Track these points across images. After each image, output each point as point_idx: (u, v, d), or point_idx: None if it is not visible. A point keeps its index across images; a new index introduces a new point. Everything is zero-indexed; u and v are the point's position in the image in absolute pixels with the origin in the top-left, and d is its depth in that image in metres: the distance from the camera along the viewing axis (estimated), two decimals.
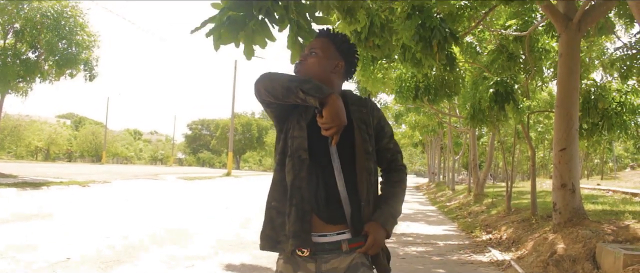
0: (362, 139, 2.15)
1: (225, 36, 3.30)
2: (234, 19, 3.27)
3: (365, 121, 2.20)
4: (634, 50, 10.33)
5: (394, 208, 2.23)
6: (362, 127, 2.17)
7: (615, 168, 50.48)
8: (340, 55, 2.25)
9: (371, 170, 2.16)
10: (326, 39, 2.27)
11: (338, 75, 2.25)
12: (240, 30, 3.29)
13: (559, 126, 8.26)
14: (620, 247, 5.97)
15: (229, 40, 3.32)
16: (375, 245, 2.11)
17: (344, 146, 2.10)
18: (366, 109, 2.23)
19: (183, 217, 11.38)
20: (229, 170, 42.73)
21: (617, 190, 16.38)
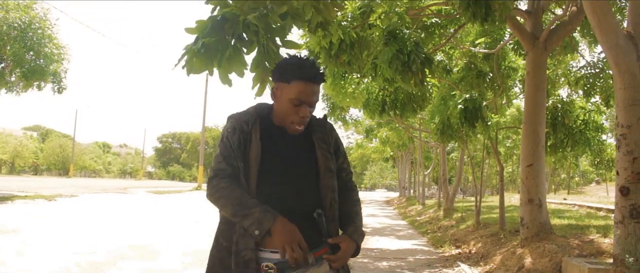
0: (324, 158, 2.19)
1: (198, 65, 3.32)
2: (208, 46, 3.29)
3: (326, 141, 2.24)
4: (597, 68, 10.63)
5: (360, 226, 2.28)
6: (323, 147, 2.22)
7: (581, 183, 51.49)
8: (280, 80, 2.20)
9: (334, 188, 2.21)
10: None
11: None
12: (214, 57, 3.31)
13: (526, 143, 8.42)
14: (584, 261, 6.09)
15: (203, 68, 3.34)
16: (344, 258, 2.14)
17: (308, 165, 2.17)
18: (325, 129, 2.28)
19: (152, 231, 11.22)
20: (199, 184, 42.34)
21: (582, 204, 16.69)
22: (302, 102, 2.11)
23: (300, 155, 2.18)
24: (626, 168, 5.09)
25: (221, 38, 3.34)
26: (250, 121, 2.15)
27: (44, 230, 10.29)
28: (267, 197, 2.06)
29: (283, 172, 2.14)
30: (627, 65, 5.11)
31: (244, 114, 2.19)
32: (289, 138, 2.19)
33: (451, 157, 30.41)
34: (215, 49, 3.30)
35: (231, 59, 3.32)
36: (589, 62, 11.22)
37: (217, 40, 3.32)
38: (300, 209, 2.12)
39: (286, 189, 2.12)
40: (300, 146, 2.20)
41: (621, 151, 5.16)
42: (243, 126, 2.13)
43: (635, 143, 5.06)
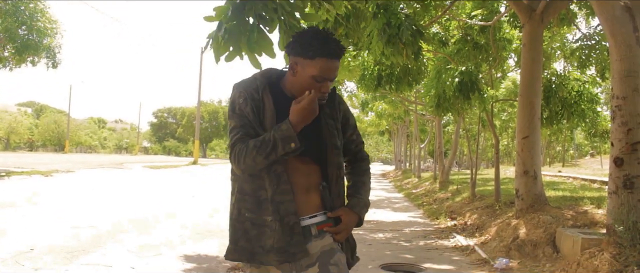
0: (330, 135, 2.15)
1: (225, 51, 3.29)
2: (231, 31, 3.26)
3: (333, 116, 2.20)
4: (593, 41, 10.62)
5: (365, 197, 2.28)
6: (330, 123, 2.17)
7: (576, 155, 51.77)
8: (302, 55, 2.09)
9: (340, 164, 2.20)
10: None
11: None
12: (239, 41, 3.28)
13: (522, 115, 8.45)
14: (578, 232, 6.17)
15: (232, 55, 3.31)
16: (346, 230, 2.17)
17: (314, 142, 2.11)
18: (333, 102, 2.22)
19: (149, 205, 11.29)
20: (195, 158, 42.39)
21: (577, 177, 16.82)
22: (325, 78, 2.05)
23: (308, 129, 2.07)
24: (621, 139, 5.13)
25: (242, 20, 3.31)
26: (260, 88, 2.09)
27: (42, 205, 10.33)
28: (275, 169, 2.05)
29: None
30: (623, 37, 5.11)
31: (252, 81, 2.12)
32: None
33: (447, 130, 30.49)
34: (239, 32, 3.28)
35: (259, 41, 3.30)
36: (585, 34, 11.21)
37: (239, 23, 3.29)
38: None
39: (294, 161, 2.09)
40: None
41: (616, 122, 5.19)
42: (253, 94, 2.07)
43: (630, 114, 5.09)
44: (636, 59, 5.09)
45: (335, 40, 2.06)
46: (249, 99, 2.06)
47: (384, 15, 7.19)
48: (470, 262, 6.85)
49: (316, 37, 2.04)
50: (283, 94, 2.13)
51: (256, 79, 2.13)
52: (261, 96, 2.07)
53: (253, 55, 3.31)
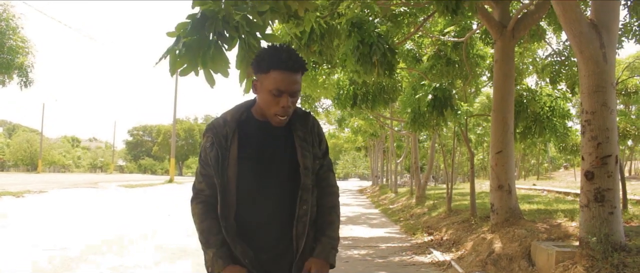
0: (303, 157, 2.14)
1: (181, 66, 3.28)
2: (189, 45, 3.26)
3: (306, 139, 2.18)
4: (563, 56, 10.84)
5: (333, 239, 2.22)
6: (303, 145, 2.15)
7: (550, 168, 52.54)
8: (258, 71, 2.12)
9: (308, 187, 2.16)
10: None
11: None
12: (197, 57, 3.28)
13: (495, 130, 8.56)
14: (552, 245, 6.24)
15: (188, 70, 3.30)
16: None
17: (287, 165, 2.13)
18: (306, 124, 2.21)
19: (124, 226, 11.12)
20: (171, 176, 41.97)
21: (551, 189, 17.03)
22: (282, 91, 2.02)
23: (280, 153, 2.14)
24: (591, 153, 5.22)
25: (202, 36, 3.31)
26: (230, 134, 2.11)
27: (12, 228, 10.11)
28: (246, 203, 2.11)
29: (263, 175, 2.11)
30: (591, 53, 5.22)
31: (222, 126, 2.13)
32: (270, 134, 2.14)
33: (423, 145, 30.70)
34: (197, 48, 3.28)
35: (215, 57, 3.30)
36: (555, 50, 11.43)
37: (199, 39, 3.30)
38: (279, 216, 2.14)
39: (266, 193, 2.11)
40: (282, 142, 2.16)
41: (586, 137, 5.28)
42: (221, 141, 2.10)
43: (599, 128, 5.18)
44: (604, 75, 5.20)
45: (291, 53, 2.05)
46: (217, 145, 2.10)
47: (358, 34, 7.26)
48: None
49: (269, 51, 2.07)
50: (254, 120, 2.16)
51: (226, 124, 2.14)
52: (229, 144, 2.10)
53: (208, 71, 3.31)
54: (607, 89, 5.20)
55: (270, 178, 2.11)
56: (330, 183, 2.30)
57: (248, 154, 2.09)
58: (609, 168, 5.15)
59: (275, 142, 2.14)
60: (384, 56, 7.06)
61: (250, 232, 2.12)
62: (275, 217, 2.12)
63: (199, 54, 3.30)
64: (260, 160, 2.10)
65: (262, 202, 2.11)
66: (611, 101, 5.23)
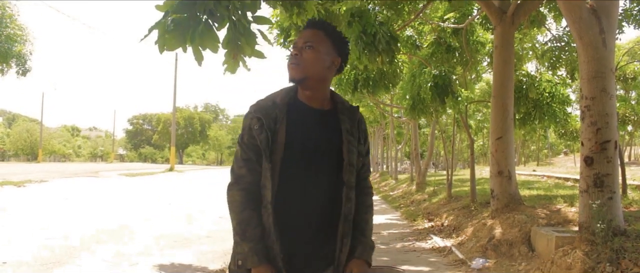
0: (348, 151, 2.01)
1: (170, 42, 3.24)
2: (179, 22, 3.23)
3: (352, 133, 2.05)
4: (562, 42, 10.82)
5: (370, 238, 2.13)
6: (349, 138, 2.03)
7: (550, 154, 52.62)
8: (336, 52, 2.05)
9: (352, 184, 2.04)
10: (322, 33, 2.03)
11: (332, 72, 2.07)
12: (186, 33, 3.25)
13: (495, 116, 8.57)
14: (552, 230, 6.28)
15: (176, 45, 3.26)
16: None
17: (333, 157, 2.01)
18: (354, 118, 2.09)
19: (125, 214, 11.17)
20: (171, 165, 42.04)
21: (551, 175, 17.09)
22: (295, 45, 2.02)
23: (327, 144, 2.01)
24: (590, 139, 5.24)
25: (192, 14, 3.29)
26: (280, 117, 1.97)
27: (14, 217, 10.16)
28: (289, 193, 1.97)
29: (309, 164, 1.98)
30: (590, 39, 5.23)
31: (272, 107, 1.99)
32: (319, 121, 2.02)
33: (423, 131, 30.71)
34: (186, 25, 3.25)
35: (204, 35, 3.27)
36: (554, 35, 11.42)
37: (188, 17, 3.27)
38: (320, 210, 2.01)
39: (310, 184, 1.99)
40: (329, 132, 2.02)
41: (585, 122, 5.30)
42: (271, 124, 1.95)
43: (599, 114, 5.20)
44: (603, 60, 5.21)
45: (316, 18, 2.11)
46: (266, 126, 1.95)
47: (359, 24, 7.25)
48: (448, 262, 6.92)
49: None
50: (301, 105, 2.04)
51: (276, 106, 2.00)
52: (277, 127, 1.96)
53: (197, 48, 3.30)
54: (607, 74, 5.21)
55: (315, 168, 1.99)
56: (368, 184, 2.19)
57: (297, 140, 1.96)
58: (609, 153, 5.18)
59: (323, 130, 2.02)
60: (387, 44, 7.07)
61: (289, 224, 1.98)
62: (317, 210, 2.00)
63: (188, 31, 3.27)
64: (307, 148, 1.98)
65: (306, 193, 1.99)
66: (611, 87, 5.24)
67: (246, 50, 3.39)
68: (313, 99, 2.03)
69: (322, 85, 2.05)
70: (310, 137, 1.98)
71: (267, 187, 1.94)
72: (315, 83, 2.01)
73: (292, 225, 1.98)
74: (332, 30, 2.06)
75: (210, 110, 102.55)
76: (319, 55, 1.98)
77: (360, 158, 2.09)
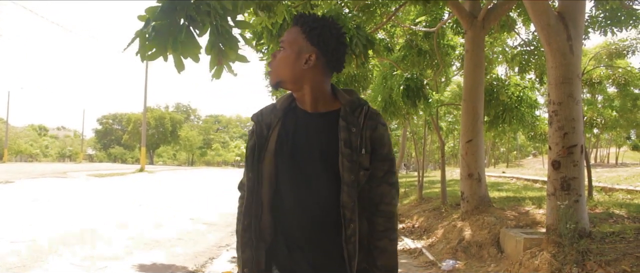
0: (343, 166, 1.76)
1: (152, 51, 3.22)
2: (159, 29, 3.20)
3: (352, 142, 1.77)
4: (532, 46, 11.02)
5: (387, 269, 1.85)
6: (345, 151, 1.76)
7: (519, 156, 53.53)
8: (311, 45, 1.81)
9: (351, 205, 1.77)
10: (294, 28, 1.85)
11: (315, 70, 1.82)
12: (167, 41, 3.21)
13: (466, 119, 8.69)
14: (521, 232, 6.39)
15: (157, 54, 3.23)
16: None
17: (328, 171, 1.78)
18: (356, 122, 1.80)
19: (94, 216, 10.99)
20: (142, 165, 41.51)
21: (520, 177, 17.37)
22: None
23: (320, 154, 1.79)
24: (557, 143, 5.35)
25: (173, 21, 3.26)
26: (274, 122, 1.86)
27: None
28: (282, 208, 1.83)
29: (299, 177, 1.81)
30: (558, 45, 5.34)
31: (270, 112, 1.90)
32: (313, 128, 1.83)
33: (395, 133, 30.92)
34: (167, 33, 3.22)
35: (185, 42, 3.25)
36: (524, 40, 11.61)
37: (169, 23, 3.24)
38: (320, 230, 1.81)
39: (303, 200, 1.81)
40: (323, 139, 1.81)
41: (553, 127, 5.41)
42: (263, 130, 1.86)
43: (566, 119, 5.32)
44: (570, 66, 5.33)
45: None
46: (257, 134, 1.86)
47: None
48: (418, 264, 6.99)
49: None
50: (298, 110, 1.88)
51: (274, 111, 1.90)
52: (269, 133, 1.85)
53: (178, 56, 3.27)
54: (574, 80, 5.33)
55: (307, 180, 1.80)
56: (384, 200, 1.84)
57: (286, 148, 1.82)
58: (575, 157, 5.29)
59: (316, 137, 1.81)
60: (364, 47, 7.10)
61: (282, 236, 1.85)
62: (309, 226, 1.81)
63: (169, 39, 3.24)
64: (296, 157, 1.80)
65: (298, 207, 1.81)
66: (577, 92, 5.36)
67: (230, 55, 3.37)
68: (304, 102, 1.86)
69: (306, 86, 1.82)
70: (299, 144, 1.81)
71: (246, 198, 1.86)
72: (294, 85, 1.84)
73: (285, 237, 1.84)
74: (307, 21, 1.84)
75: (182, 110, 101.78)
76: (288, 56, 1.81)
77: (362, 170, 1.77)
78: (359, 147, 1.76)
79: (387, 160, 1.83)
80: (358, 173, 1.75)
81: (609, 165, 36.21)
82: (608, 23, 9.50)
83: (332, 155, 1.76)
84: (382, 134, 1.83)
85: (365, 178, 1.78)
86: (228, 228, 9.48)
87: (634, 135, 39.34)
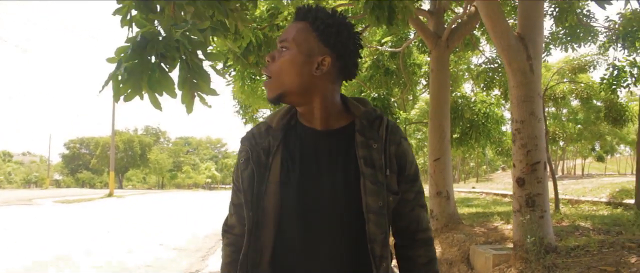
0: (366, 191, 1.42)
1: (125, 91, 3.17)
2: (132, 70, 3.18)
3: (374, 160, 1.45)
4: (496, 64, 11.25)
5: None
6: (367, 171, 1.43)
7: (489, 170, 54.26)
8: (325, 46, 1.45)
9: (380, 238, 1.44)
10: (303, 24, 1.47)
11: (328, 77, 1.46)
12: (141, 81, 3.19)
13: (433, 138, 8.80)
14: (490, 248, 6.46)
15: (132, 95, 3.19)
16: None
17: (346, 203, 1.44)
18: (377, 138, 1.48)
19: (62, 244, 10.75)
20: (110, 190, 40.84)
21: (489, 192, 17.62)
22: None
23: (336, 179, 1.45)
24: (521, 160, 5.45)
25: (144, 60, 3.24)
26: (273, 146, 1.48)
27: None
28: (290, 251, 1.47)
29: (312, 210, 1.44)
30: (518, 65, 5.47)
31: (264, 134, 1.51)
32: (324, 149, 1.48)
33: None
34: (140, 72, 3.20)
35: (160, 81, 3.23)
36: (488, 57, 11.86)
37: (140, 63, 3.22)
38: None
39: (319, 238, 1.45)
40: (339, 161, 1.47)
41: (516, 144, 5.52)
42: (260, 156, 1.47)
43: (529, 136, 5.43)
44: (531, 85, 5.46)
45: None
46: (253, 162, 1.47)
47: None
48: None
49: None
50: (302, 128, 1.52)
51: (270, 132, 1.51)
52: (270, 160, 1.47)
53: (154, 95, 3.25)
54: (535, 98, 5.45)
55: (323, 218, 1.44)
56: (421, 226, 1.57)
57: (293, 179, 1.45)
58: (538, 174, 5.40)
59: (329, 161, 1.46)
60: None
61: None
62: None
63: (143, 78, 3.22)
64: (306, 189, 1.44)
65: (309, 256, 1.45)
66: (538, 110, 5.49)
67: (204, 89, 3.36)
68: (311, 118, 1.49)
69: (316, 98, 1.46)
70: (309, 172, 1.45)
71: (245, 242, 1.47)
72: (302, 97, 1.46)
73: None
74: (320, 16, 1.47)
75: (151, 132, 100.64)
76: (294, 58, 1.43)
77: (391, 195, 1.46)
78: (383, 166, 1.44)
79: (417, 180, 1.55)
80: (386, 198, 1.44)
81: (575, 176, 36.96)
82: (568, 39, 9.79)
83: (353, 180, 1.43)
84: (407, 149, 1.52)
85: (395, 203, 1.48)
86: (198, 253, 9.36)
87: (598, 147, 40.28)
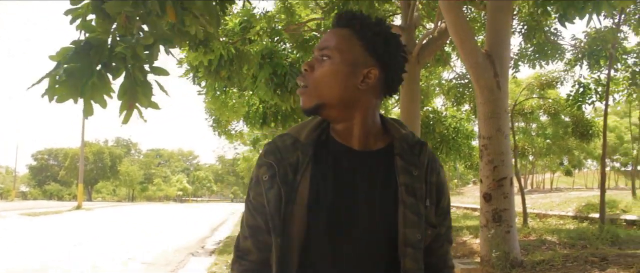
0: (405, 222, 1.28)
1: (61, 93, 3.12)
2: (71, 72, 3.12)
3: (416, 188, 1.31)
4: (466, 79, 11.44)
5: None
6: (407, 200, 1.28)
7: (460, 184, 54.85)
8: (372, 57, 1.30)
9: (416, 270, 1.30)
10: (346, 32, 1.31)
11: (371, 91, 1.31)
12: (78, 85, 3.13)
13: None
14: (458, 262, 6.52)
15: (66, 97, 3.13)
16: None
17: (381, 232, 1.29)
18: (421, 166, 1.33)
19: (25, 259, 10.51)
20: (79, 202, 40.12)
21: (460, 206, 17.81)
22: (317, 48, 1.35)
23: (371, 206, 1.28)
24: (488, 176, 5.54)
25: (85, 64, 3.19)
26: (303, 163, 1.30)
27: None
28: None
29: (340, 241, 1.28)
30: (485, 82, 5.57)
31: (291, 149, 1.33)
32: (359, 169, 1.31)
33: None
34: (80, 76, 3.14)
35: (95, 87, 3.17)
36: (459, 73, 12.04)
37: (82, 67, 3.16)
38: None
39: (347, 268, 1.28)
40: (377, 186, 1.31)
41: (483, 160, 5.61)
42: (287, 173, 1.29)
43: (495, 152, 5.52)
44: (498, 102, 5.56)
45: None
46: (280, 179, 1.29)
47: (270, 65, 7.38)
48: None
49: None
50: (335, 145, 1.34)
51: (298, 146, 1.33)
52: (298, 178, 1.29)
53: (88, 101, 3.20)
54: (501, 115, 5.55)
55: (354, 247, 1.28)
56: (448, 263, 1.45)
57: (324, 202, 1.27)
58: (505, 189, 5.49)
59: (366, 185, 1.30)
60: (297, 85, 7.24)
61: None
62: None
63: (81, 82, 3.16)
64: (339, 215, 1.27)
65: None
66: (505, 126, 5.59)
67: (143, 102, 3.31)
68: (349, 136, 1.33)
69: (357, 114, 1.31)
70: (344, 196, 1.28)
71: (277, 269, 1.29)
72: (340, 112, 1.31)
73: None
74: (366, 24, 1.31)
75: (122, 144, 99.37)
76: (337, 68, 1.29)
77: (429, 228, 1.33)
78: (424, 196, 1.31)
79: (449, 213, 1.42)
80: (425, 232, 1.31)
81: (544, 190, 37.55)
82: (536, 56, 10.00)
83: (392, 209, 1.29)
84: (444, 180, 1.40)
85: (430, 239, 1.35)
86: (167, 267, 9.25)
87: (567, 161, 41.04)
